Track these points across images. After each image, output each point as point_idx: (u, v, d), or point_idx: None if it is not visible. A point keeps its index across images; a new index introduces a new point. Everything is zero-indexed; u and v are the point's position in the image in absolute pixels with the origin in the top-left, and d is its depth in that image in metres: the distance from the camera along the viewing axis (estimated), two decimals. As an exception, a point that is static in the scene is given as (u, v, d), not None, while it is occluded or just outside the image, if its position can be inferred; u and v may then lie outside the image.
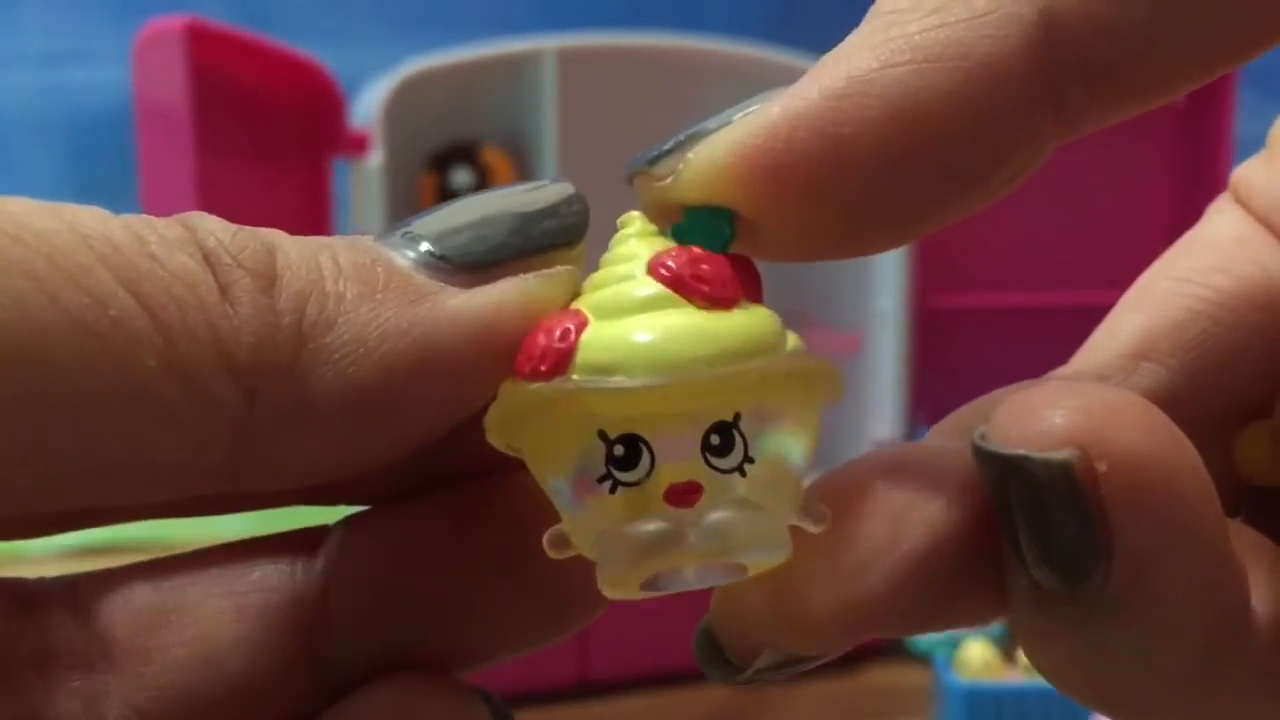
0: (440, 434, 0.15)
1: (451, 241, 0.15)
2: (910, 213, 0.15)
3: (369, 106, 0.68)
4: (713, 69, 0.74)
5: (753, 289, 0.15)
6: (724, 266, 0.15)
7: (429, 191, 0.72)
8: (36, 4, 0.81)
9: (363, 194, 0.67)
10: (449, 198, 0.16)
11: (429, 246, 0.15)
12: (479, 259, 0.15)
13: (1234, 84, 0.76)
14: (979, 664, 0.60)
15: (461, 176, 0.72)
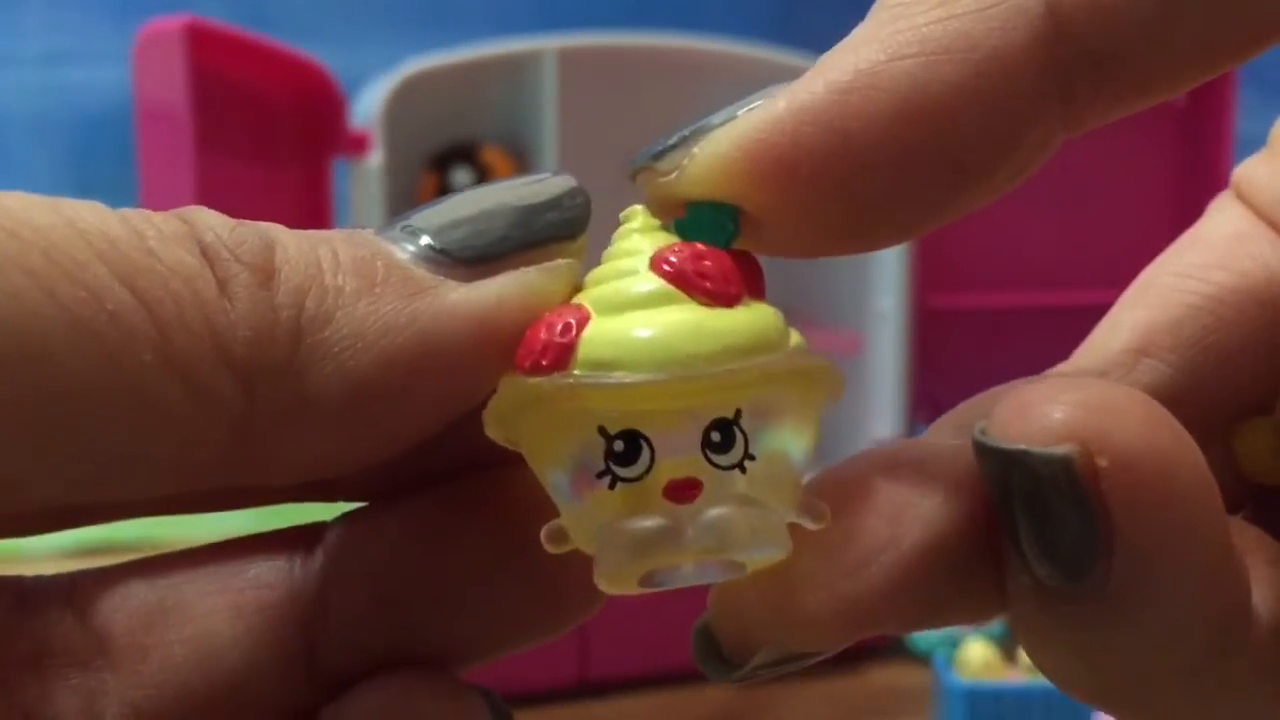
0: (440, 428, 0.15)
1: (451, 235, 0.15)
2: (916, 207, 0.15)
3: (369, 106, 0.68)
4: (713, 69, 0.74)
5: (756, 285, 0.15)
6: (727, 262, 0.15)
7: (429, 191, 0.72)
8: (37, 4, 0.81)
9: (363, 194, 0.67)
10: (449, 198, 0.16)
11: (429, 240, 0.15)
12: (479, 253, 0.15)
13: (1234, 83, 0.76)
14: (979, 664, 0.60)
15: (462, 176, 0.72)
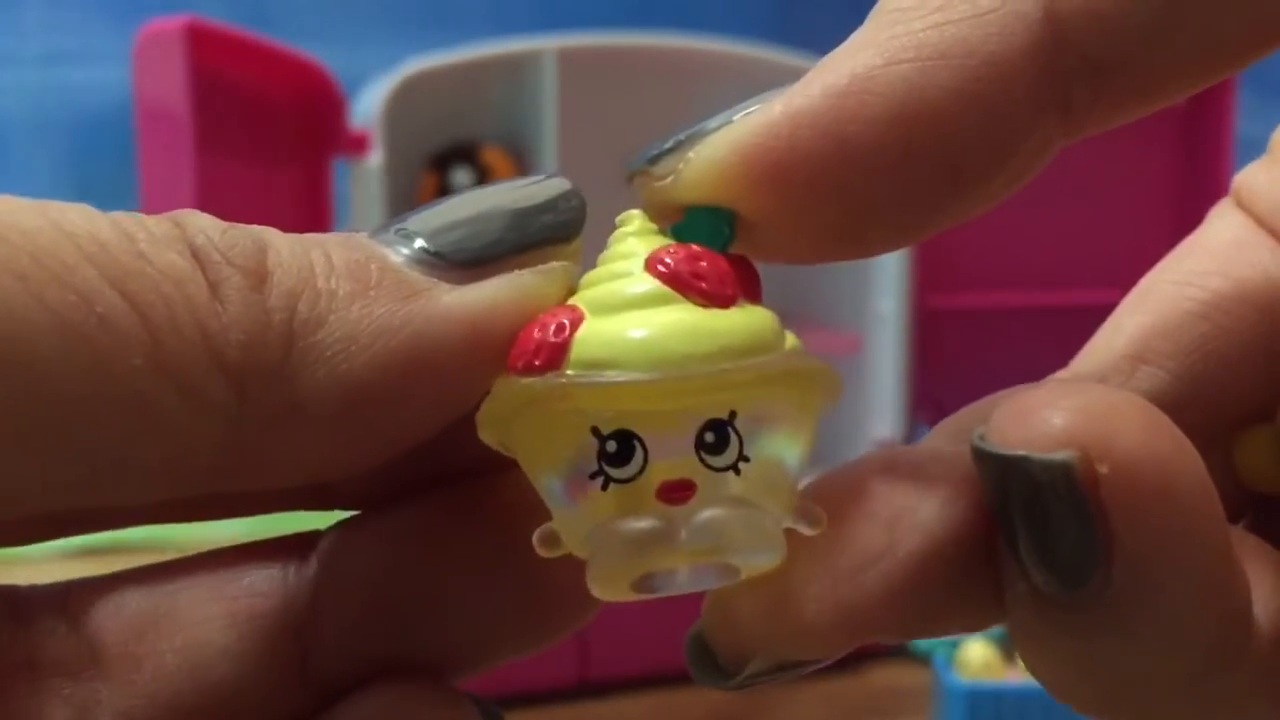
0: (434, 432, 0.15)
1: (446, 238, 0.15)
2: (913, 213, 0.15)
3: (369, 106, 0.68)
4: (713, 69, 0.74)
5: (752, 290, 0.15)
6: (722, 264, 0.15)
7: (429, 191, 0.72)
8: (37, 4, 0.81)
9: (363, 194, 0.67)
10: (449, 198, 0.16)
11: (423, 243, 0.15)
12: (474, 255, 0.15)
13: (1234, 84, 0.76)
14: (979, 664, 0.60)
15: (461, 176, 0.72)
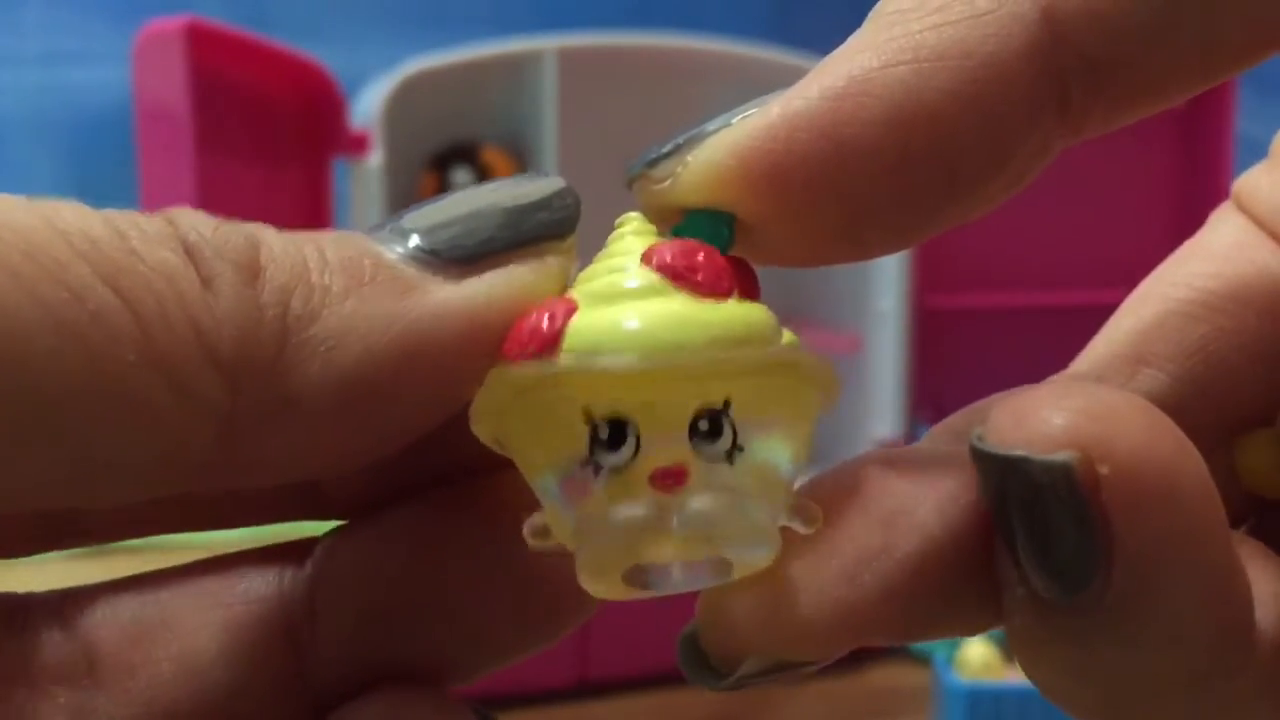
0: (428, 429, 0.15)
1: (441, 235, 0.15)
2: (911, 215, 0.15)
3: (369, 106, 0.68)
4: (713, 69, 0.74)
5: (750, 291, 0.15)
6: (719, 258, 0.15)
7: (429, 192, 0.72)
8: (37, 4, 0.81)
9: (363, 194, 0.67)
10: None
11: (418, 240, 0.15)
12: (468, 252, 0.15)
13: (1234, 85, 0.76)
14: (979, 664, 0.60)
15: (462, 176, 0.72)
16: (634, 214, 0.16)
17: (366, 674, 0.16)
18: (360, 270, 0.14)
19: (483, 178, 0.72)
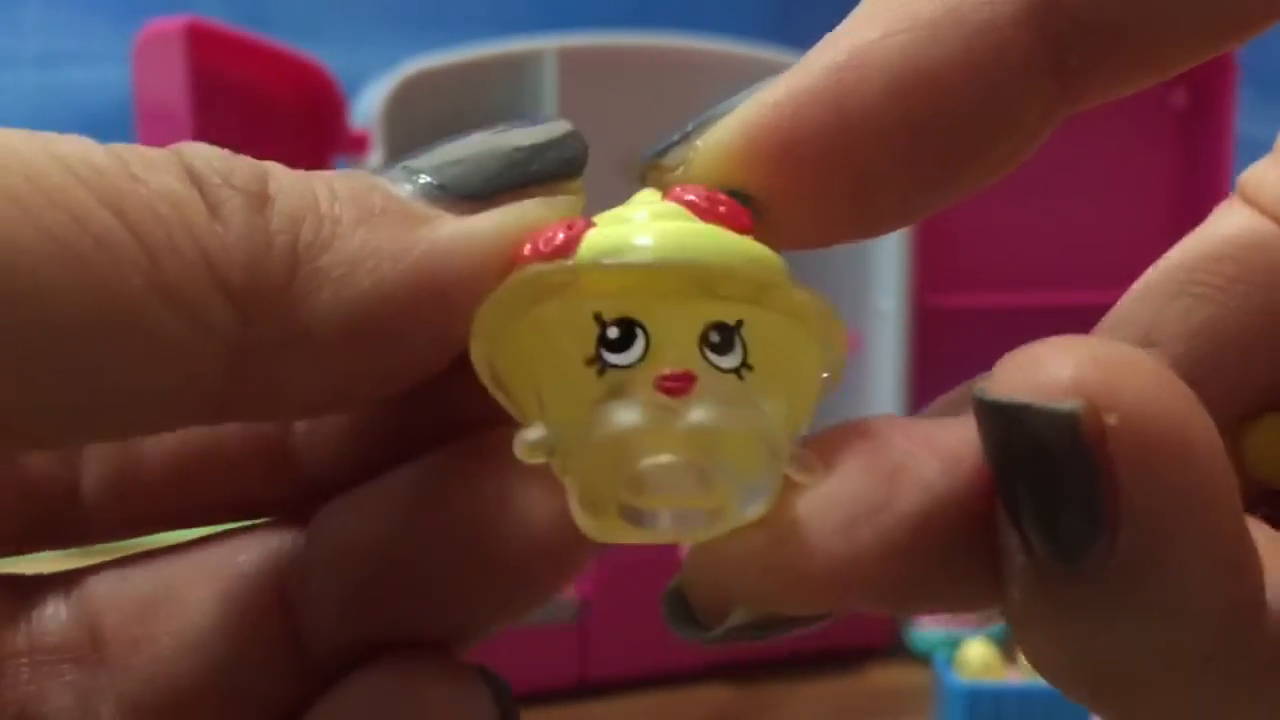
0: (435, 368, 0.15)
1: (450, 171, 0.15)
2: (919, 186, 0.15)
3: (369, 106, 0.68)
4: (713, 69, 0.74)
5: None
6: (740, 206, 0.15)
7: (429, 191, 0.72)
8: (36, 4, 0.81)
9: (363, 194, 0.67)
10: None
11: (427, 177, 0.15)
12: (477, 188, 0.15)
13: (1234, 84, 0.76)
14: (979, 664, 0.60)
15: (461, 176, 0.72)
16: (646, 189, 0.16)
17: (365, 642, 0.16)
18: (370, 203, 0.14)
19: (483, 178, 0.72)
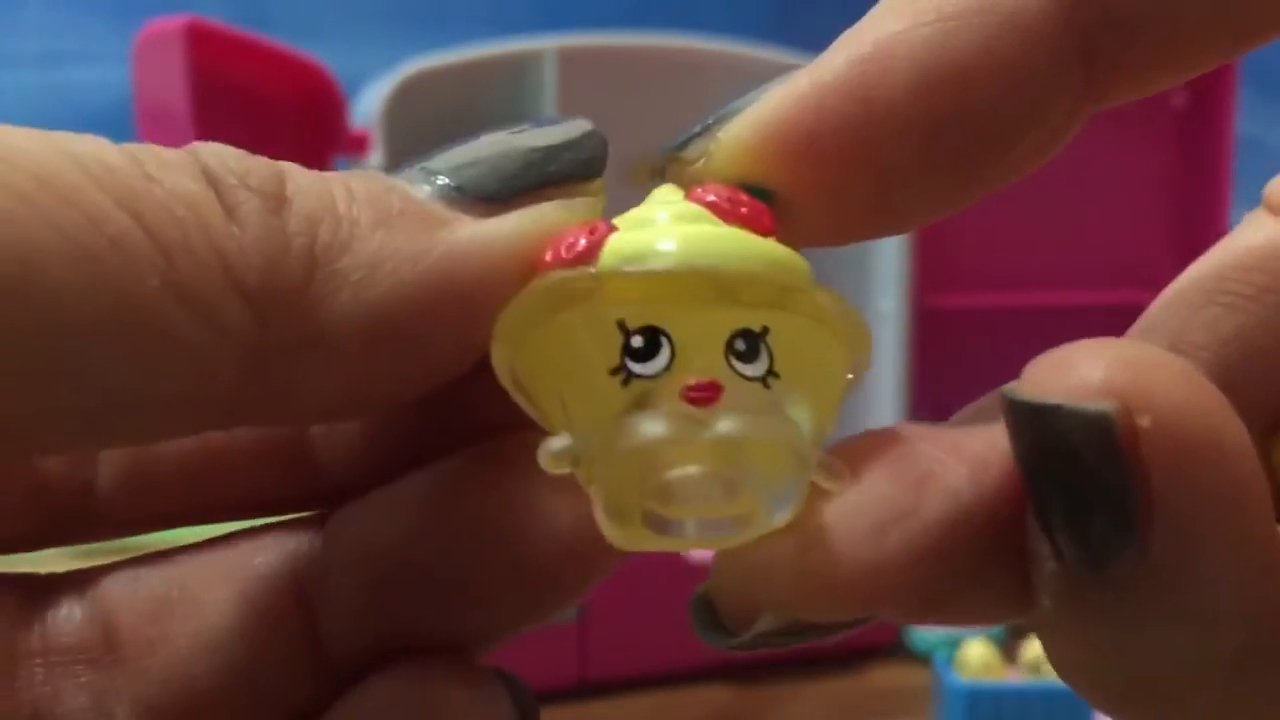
0: (452, 373, 0.15)
1: (468, 173, 0.15)
2: (943, 181, 0.15)
3: (369, 106, 0.68)
4: (713, 69, 0.74)
5: None
6: (762, 205, 0.15)
7: (429, 191, 0.72)
8: (36, 4, 0.81)
9: (363, 194, 0.67)
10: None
11: (445, 179, 0.15)
12: (495, 190, 0.15)
13: (1234, 84, 0.76)
14: (979, 664, 0.60)
15: (461, 176, 0.72)
16: (666, 184, 0.16)
17: (383, 645, 0.16)
18: (388, 204, 0.14)
19: (483, 178, 0.72)
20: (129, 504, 0.17)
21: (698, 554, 0.15)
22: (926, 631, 0.67)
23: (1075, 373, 0.13)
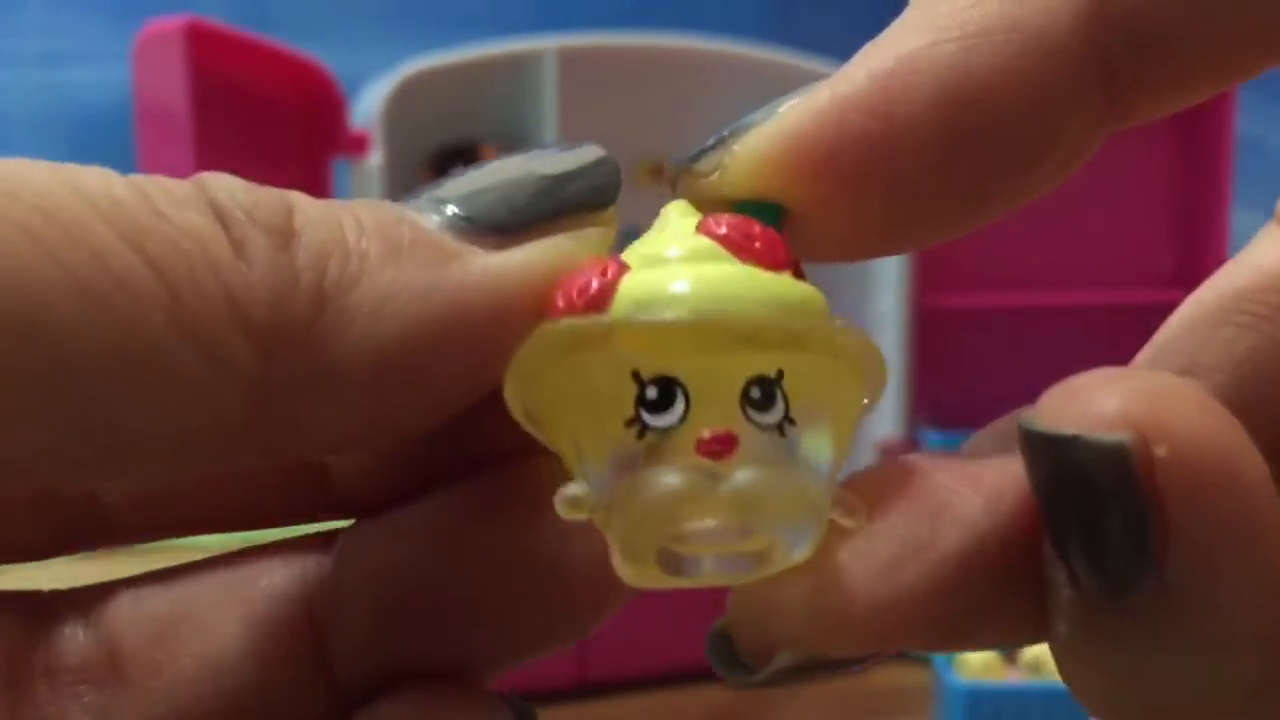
0: (463, 406, 0.15)
1: (478, 202, 0.15)
2: (962, 199, 0.15)
3: (369, 106, 0.68)
4: (712, 69, 0.74)
5: (798, 275, 0.15)
6: (775, 235, 0.14)
7: (429, 191, 0.72)
8: (36, 4, 0.81)
9: (363, 194, 0.67)
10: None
11: (455, 209, 0.14)
12: (506, 220, 0.14)
13: (1234, 86, 0.76)
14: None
15: (461, 176, 0.72)
16: (678, 200, 0.15)
17: (391, 669, 0.16)
18: (398, 236, 0.14)
19: (483, 178, 0.72)
20: (138, 512, 0.17)
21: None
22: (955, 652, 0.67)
23: (1091, 402, 0.13)
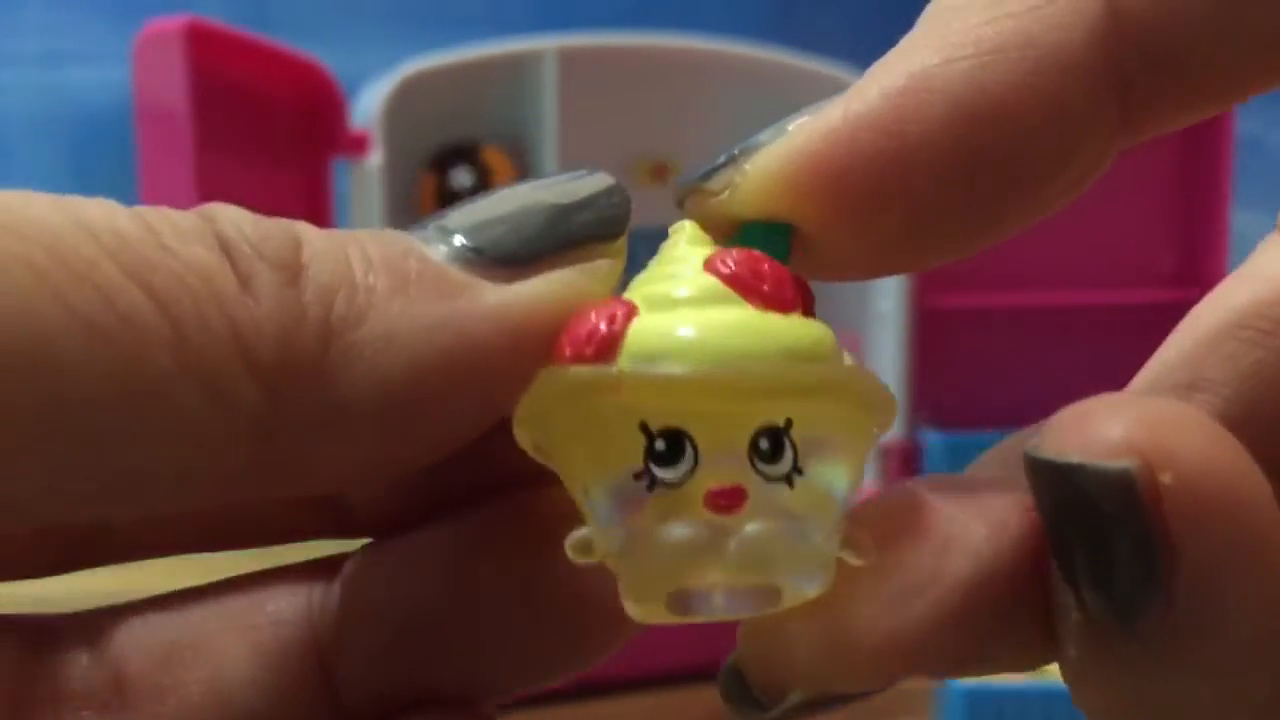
0: (471, 438, 0.14)
1: (486, 234, 0.14)
2: (975, 217, 0.14)
3: (369, 106, 0.68)
4: (712, 69, 0.74)
5: (809, 309, 0.15)
6: (783, 270, 0.14)
7: (429, 191, 0.72)
8: (36, 4, 0.81)
9: (363, 194, 0.67)
10: (449, 198, 0.16)
11: (463, 240, 0.14)
12: (514, 252, 0.14)
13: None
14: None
15: (461, 176, 0.72)
16: (687, 222, 0.15)
17: (398, 695, 0.16)
18: (405, 270, 0.14)
19: (482, 178, 0.72)
20: (144, 530, 0.16)
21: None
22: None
23: (1095, 430, 0.13)
